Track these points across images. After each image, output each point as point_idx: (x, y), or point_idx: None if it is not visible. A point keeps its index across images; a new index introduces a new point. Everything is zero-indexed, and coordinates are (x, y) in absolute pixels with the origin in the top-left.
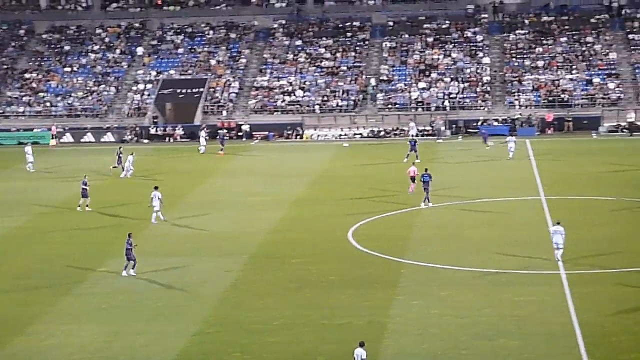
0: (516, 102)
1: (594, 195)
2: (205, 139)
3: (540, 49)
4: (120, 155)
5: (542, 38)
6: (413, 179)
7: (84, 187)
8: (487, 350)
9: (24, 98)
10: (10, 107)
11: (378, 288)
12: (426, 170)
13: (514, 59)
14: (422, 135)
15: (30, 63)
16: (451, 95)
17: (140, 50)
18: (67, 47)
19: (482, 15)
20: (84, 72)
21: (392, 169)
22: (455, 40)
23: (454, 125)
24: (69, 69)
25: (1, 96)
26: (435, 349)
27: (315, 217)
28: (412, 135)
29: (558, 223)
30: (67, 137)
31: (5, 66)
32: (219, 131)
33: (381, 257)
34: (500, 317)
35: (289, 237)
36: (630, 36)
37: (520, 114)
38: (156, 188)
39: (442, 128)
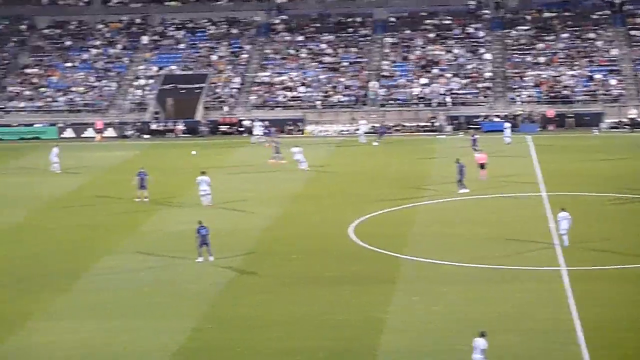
0: (517, 98)
1: (595, 191)
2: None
3: (542, 45)
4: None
5: (543, 34)
6: (482, 165)
7: (141, 178)
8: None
9: (25, 93)
10: (11, 102)
11: (377, 284)
12: (458, 160)
13: (515, 55)
14: (425, 131)
15: (32, 58)
16: (452, 91)
17: (145, 39)
18: (68, 43)
19: (484, 12)
20: (85, 67)
21: (392, 164)
22: (457, 37)
23: (455, 121)
24: (70, 64)
25: (2, 91)
26: (434, 345)
27: (315, 212)
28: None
29: (563, 209)
30: (69, 133)
31: (6, 61)
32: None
33: (381, 252)
34: (500, 313)
35: (288, 233)
36: (632, 32)
37: (521, 110)
38: (203, 173)
39: (444, 124)
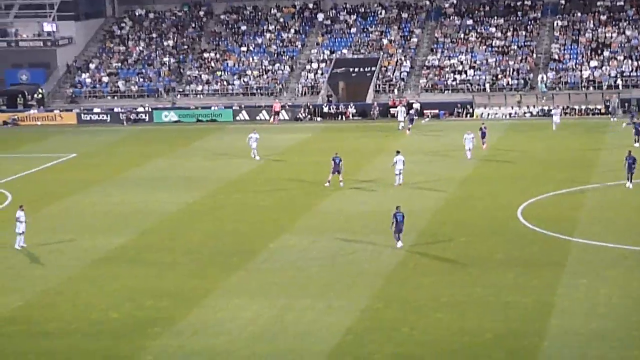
0: None
1: None
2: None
3: None
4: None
5: None
6: None
7: (336, 162)
8: None
9: (202, 77)
10: (190, 86)
11: (545, 267)
12: (630, 152)
13: None
14: (596, 114)
15: (209, 43)
16: (624, 74)
17: (317, 23)
18: (243, 27)
19: None
20: (259, 51)
21: (560, 148)
22: (630, 18)
23: (626, 104)
24: (244, 49)
25: (182, 75)
26: (603, 328)
27: (484, 195)
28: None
29: None
30: (243, 115)
31: (185, 46)
32: (410, 111)
33: (549, 235)
34: None
35: (456, 216)
36: None
37: None
38: (398, 153)
39: (616, 107)
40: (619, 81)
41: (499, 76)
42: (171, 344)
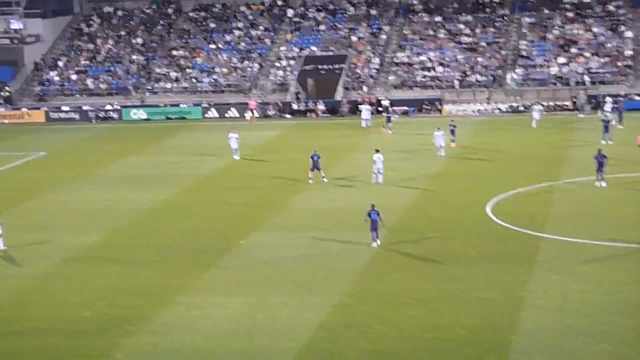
0: None
1: None
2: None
3: None
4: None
5: None
6: None
7: (314, 159)
8: (630, 328)
9: (171, 74)
10: (159, 84)
11: (517, 263)
12: (600, 150)
13: None
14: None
15: (178, 40)
16: (591, 70)
17: (286, 21)
18: (212, 25)
19: None
20: (229, 49)
21: (530, 144)
22: (597, 15)
23: (593, 100)
24: (213, 46)
25: (150, 73)
26: (575, 324)
27: (454, 192)
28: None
29: None
30: (212, 112)
31: (154, 44)
32: (389, 109)
33: (520, 231)
34: None
35: (428, 212)
36: None
37: None
38: (377, 151)
39: (584, 103)
40: (586, 78)
41: (468, 73)
42: (144, 342)
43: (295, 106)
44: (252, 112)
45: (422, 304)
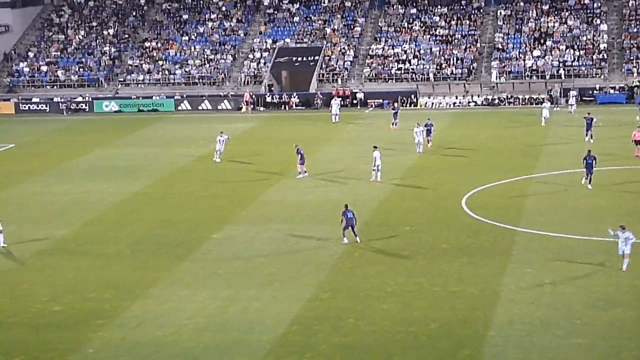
0: (634, 70)
1: None
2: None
3: None
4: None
5: None
6: (638, 142)
7: (300, 154)
8: (601, 320)
9: (143, 66)
10: (131, 75)
11: (491, 256)
12: (589, 152)
13: (632, 25)
14: (539, 103)
15: (150, 32)
16: (566, 64)
17: (260, 12)
18: (185, 16)
19: None
20: (201, 40)
21: (505, 137)
22: (572, 7)
23: (568, 94)
24: (186, 38)
25: (122, 65)
26: (548, 317)
27: (430, 184)
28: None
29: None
30: (185, 105)
31: (126, 35)
32: (395, 104)
33: (494, 225)
34: (616, 287)
35: (401, 205)
36: None
37: (638, 82)
38: (375, 148)
39: (558, 96)
40: (561, 70)
41: (443, 65)
42: (114, 336)
43: (269, 99)
44: (248, 104)
45: (395, 297)
